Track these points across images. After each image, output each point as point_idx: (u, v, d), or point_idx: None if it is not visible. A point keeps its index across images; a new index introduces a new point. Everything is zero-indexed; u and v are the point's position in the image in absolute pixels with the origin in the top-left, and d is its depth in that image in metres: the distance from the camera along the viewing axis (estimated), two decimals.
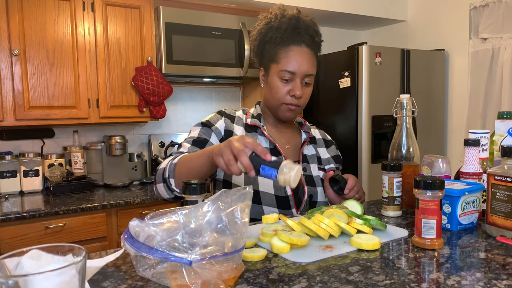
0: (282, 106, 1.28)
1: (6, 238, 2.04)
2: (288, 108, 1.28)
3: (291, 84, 1.25)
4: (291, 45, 1.25)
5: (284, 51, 1.25)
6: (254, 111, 1.38)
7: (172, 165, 1.11)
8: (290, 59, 1.24)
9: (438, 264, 0.82)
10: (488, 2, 3.05)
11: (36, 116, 2.36)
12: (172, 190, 1.12)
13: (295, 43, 1.25)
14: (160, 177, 1.14)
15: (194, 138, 1.26)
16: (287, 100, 1.27)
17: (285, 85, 1.26)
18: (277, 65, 1.26)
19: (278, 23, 1.26)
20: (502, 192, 0.97)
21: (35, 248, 0.53)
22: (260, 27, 1.30)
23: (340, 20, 3.58)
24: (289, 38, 1.25)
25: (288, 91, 1.26)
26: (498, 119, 1.24)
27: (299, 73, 1.24)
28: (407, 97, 1.23)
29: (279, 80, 1.26)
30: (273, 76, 1.27)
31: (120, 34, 2.57)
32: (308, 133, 1.41)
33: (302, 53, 1.25)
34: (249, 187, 0.75)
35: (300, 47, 1.25)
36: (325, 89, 3.28)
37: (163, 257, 0.65)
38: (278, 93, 1.26)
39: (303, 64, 1.24)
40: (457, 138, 3.35)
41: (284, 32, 1.25)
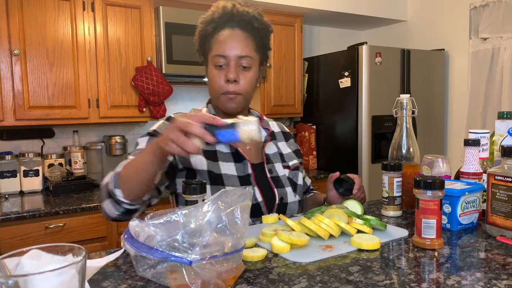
0: (221, 97, 1.19)
1: (6, 238, 2.04)
2: (228, 98, 1.18)
3: (225, 70, 1.17)
4: (222, 30, 1.18)
5: (216, 38, 1.18)
6: (207, 111, 1.29)
7: (115, 175, 0.99)
8: (221, 43, 1.16)
9: (438, 264, 0.82)
10: (488, 2, 3.05)
11: (36, 116, 2.36)
12: (120, 203, 0.98)
13: (226, 27, 1.18)
14: (105, 193, 1.01)
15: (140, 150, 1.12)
16: (224, 88, 1.17)
17: (219, 72, 1.17)
18: (211, 53, 1.18)
19: (211, 15, 1.19)
20: (502, 192, 0.97)
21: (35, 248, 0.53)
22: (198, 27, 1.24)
23: (340, 20, 3.58)
24: (222, 24, 1.18)
25: (223, 78, 1.17)
26: (498, 119, 1.24)
27: (231, 56, 1.15)
28: (407, 97, 1.23)
29: (214, 68, 1.18)
30: (210, 65, 1.20)
31: (120, 34, 2.57)
32: (268, 129, 1.34)
33: (233, 35, 1.17)
34: (249, 187, 0.75)
35: (232, 30, 1.17)
36: (325, 89, 3.29)
37: (163, 257, 0.65)
38: (214, 82, 1.18)
39: (235, 45, 1.15)
40: (457, 138, 3.35)
41: (217, 22, 1.18)
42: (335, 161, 3.22)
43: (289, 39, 3.24)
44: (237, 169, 1.20)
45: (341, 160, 3.16)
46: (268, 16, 3.35)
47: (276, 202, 1.22)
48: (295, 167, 1.33)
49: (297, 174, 1.32)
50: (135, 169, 0.95)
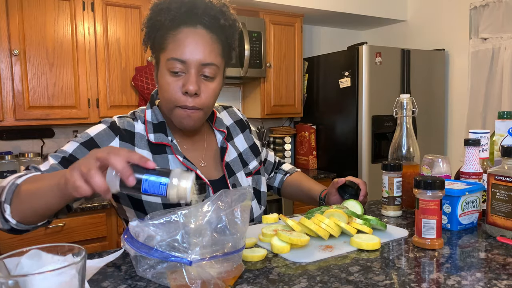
0: (176, 110, 0.97)
1: (6, 238, 2.04)
2: (185, 114, 0.96)
3: (183, 78, 0.95)
4: (182, 27, 0.95)
5: (173, 35, 0.95)
6: (153, 117, 1.05)
7: (13, 186, 0.80)
8: (179, 44, 0.94)
9: (438, 264, 0.82)
10: (488, 2, 3.05)
11: (36, 116, 2.36)
12: (6, 220, 0.80)
13: (188, 24, 0.95)
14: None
15: (64, 155, 0.95)
16: (181, 100, 0.95)
17: (175, 80, 0.95)
18: (164, 54, 0.96)
19: (169, 3, 0.96)
20: (502, 192, 0.97)
21: (35, 248, 0.53)
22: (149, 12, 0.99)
23: (340, 20, 3.58)
24: (181, 18, 0.95)
25: (180, 88, 0.95)
26: (498, 119, 1.24)
27: (192, 62, 0.94)
28: (407, 97, 1.23)
29: (168, 74, 0.95)
30: (162, 69, 0.97)
31: (120, 34, 2.57)
32: (224, 132, 1.14)
33: (195, 35, 0.94)
34: (249, 187, 0.75)
35: (194, 29, 0.95)
36: (325, 89, 3.28)
37: (163, 257, 0.65)
38: (168, 91, 0.96)
39: (197, 49, 0.94)
40: (457, 138, 3.35)
41: (175, 13, 0.95)
42: (335, 161, 3.22)
43: (289, 39, 3.24)
44: None
45: (341, 160, 3.16)
46: (268, 16, 3.35)
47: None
48: (256, 171, 1.18)
49: (259, 179, 1.18)
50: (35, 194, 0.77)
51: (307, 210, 1.47)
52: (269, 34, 3.12)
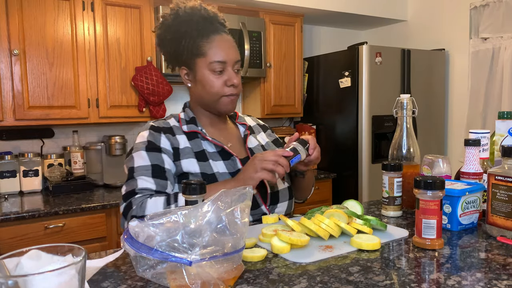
0: (222, 99, 1.21)
1: (5, 238, 2.04)
2: (230, 100, 1.22)
3: (224, 75, 1.19)
4: (211, 35, 1.18)
5: (208, 42, 1.17)
6: (186, 116, 1.28)
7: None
8: (217, 49, 1.17)
9: (439, 264, 0.82)
10: (488, 2, 3.05)
11: (36, 116, 2.36)
12: None
13: (215, 32, 1.19)
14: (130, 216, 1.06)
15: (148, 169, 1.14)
16: (226, 91, 1.20)
17: (218, 77, 1.19)
18: (205, 59, 1.18)
19: (186, 16, 1.18)
20: (502, 192, 0.97)
21: (35, 248, 0.53)
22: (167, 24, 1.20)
23: (340, 20, 3.58)
24: (205, 28, 1.18)
25: (224, 82, 1.19)
26: (498, 119, 1.24)
27: (229, 61, 1.19)
28: (408, 97, 1.23)
29: (211, 74, 1.18)
30: (203, 71, 1.19)
31: (120, 34, 2.57)
32: (245, 124, 1.36)
33: (225, 41, 1.20)
34: (249, 187, 0.75)
35: (221, 35, 1.19)
36: (325, 89, 3.28)
37: (162, 258, 0.65)
38: (214, 87, 1.19)
39: (231, 51, 1.19)
40: (457, 138, 3.35)
41: (197, 24, 1.17)
42: (335, 161, 3.22)
43: (289, 39, 3.24)
44: (227, 166, 1.21)
45: (341, 160, 3.16)
46: (268, 16, 3.35)
47: (268, 191, 1.23)
48: None
49: None
50: None
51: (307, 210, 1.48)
52: (269, 34, 3.12)
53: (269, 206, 1.24)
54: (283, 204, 1.26)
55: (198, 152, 1.20)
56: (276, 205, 1.24)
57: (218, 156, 1.22)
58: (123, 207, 1.11)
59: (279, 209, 1.25)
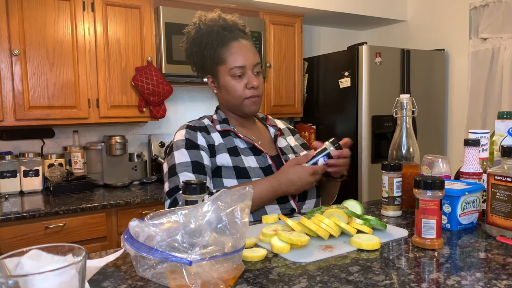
0: (244, 101, 1.30)
1: (6, 238, 2.04)
2: (252, 102, 1.30)
3: (245, 78, 1.28)
4: (230, 43, 1.27)
5: (227, 50, 1.27)
6: (218, 117, 1.37)
7: None
8: (236, 56, 1.26)
9: (438, 264, 0.82)
10: (488, 2, 3.05)
11: (36, 116, 2.36)
12: None
13: (233, 40, 1.28)
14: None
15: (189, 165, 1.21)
16: (247, 93, 1.28)
17: (239, 81, 1.27)
18: (225, 66, 1.27)
19: (207, 28, 1.28)
20: (502, 192, 0.97)
21: (35, 248, 0.53)
22: (191, 38, 1.32)
23: (340, 20, 3.58)
24: (225, 37, 1.27)
25: (245, 85, 1.28)
26: (498, 119, 1.24)
27: (248, 65, 1.27)
28: (407, 97, 1.23)
29: (232, 79, 1.28)
30: (225, 77, 1.28)
31: (120, 34, 2.57)
32: (276, 126, 1.44)
33: (243, 46, 1.28)
34: (249, 187, 0.75)
35: (239, 42, 1.28)
36: (325, 89, 3.29)
37: (163, 257, 0.65)
38: (236, 91, 1.28)
39: (249, 55, 1.27)
40: (457, 138, 3.35)
41: (217, 34, 1.27)
42: None
43: (289, 39, 3.24)
44: (257, 161, 1.28)
45: None
46: (268, 16, 3.35)
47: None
48: None
49: None
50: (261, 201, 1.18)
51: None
52: (269, 34, 3.12)
53: (297, 201, 1.29)
54: (310, 202, 1.32)
55: (231, 148, 1.28)
56: (304, 202, 1.30)
57: (250, 152, 1.29)
58: (168, 203, 1.18)
59: (306, 205, 1.31)
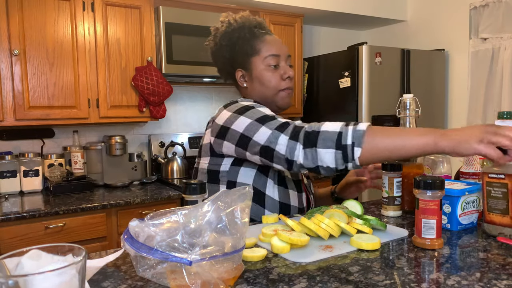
0: (279, 93, 1.26)
1: (6, 238, 2.04)
2: (286, 93, 1.27)
3: (280, 69, 1.25)
4: (263, 36, 1.26)
5: (261, 41, 1.25)
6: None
7: (359, 132, 0.95)
8: (270, 45, 1.25)
9: (438, 264, 0.82)
10: (488, 2, 3.05)
11: (36, 116, 2.36)
12: (349, 161, 0.95)
13: (265, 34, 1.28)
14: (331, 142, 0.97)
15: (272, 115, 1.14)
16: (283, 85, 1.25)
17: (274, 72, 1.24)
18: (260, 56, 1.25)
19: (238, 24, 1.27)
20: (496, 190, 0.97)
21: (35, 248, 0.53)
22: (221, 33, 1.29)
23: (340, 20, 3.58)
24: (257, 31, 1.27)
25: (281, 76, 1.25)
26: (498, 119, 1.24)
27: (283, 54, 1.25)
28: (411, 97, 1.21)
29: (267, 69, 1.24)
30: (259, 68, 1.25)
31: (120, 34, 2.57)
32: None
33: (276, 39, 1.28)
34: (249, 187, 0.75)
35: (271, 35, 1.28)
36: (325, 89, 3.28)
37: (163, 258, 0.65)
38: (272, 81, 1.24)
39: (282, 46, 1.27)
40: None
41: (249, 28, 1.26)
42: None
43: (289, 39, 3.24)
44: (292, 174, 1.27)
45: None
46: (268, 16, 3.34)
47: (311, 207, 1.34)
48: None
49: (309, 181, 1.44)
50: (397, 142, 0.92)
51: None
52: None
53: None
54: None
55: None
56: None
57: None
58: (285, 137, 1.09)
59: None
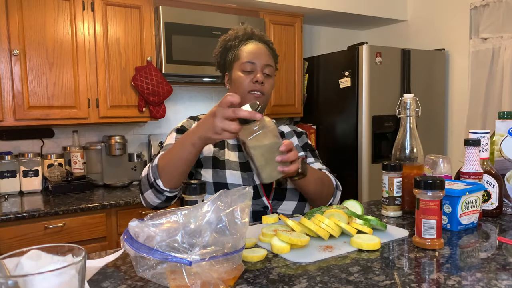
0: (248, 95, 1.33)
1: (5, 238, 2.04)
2: (254, 96, 1.33)
3: (252, 74, 1.33)
4: (249, 43, 1.36)
5: (243, 48, 1.35)
6: None
7: (154, 167, 1.13)
8: (249, 53, 1.33)
9: (439, 264, 0.82)
10: (488, 2, 3.04)
11: (36, 116, 2.36)
12: (161, 192, 1.14)
13: (251, 41, 1.37)
14: (145, 185, 1.16)
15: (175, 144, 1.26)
16: (251, 87, 1.32)
17: (247, 76, 1.32)
18: (239, 61, 1.34)
19: (234, 34, 1.38)
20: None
21: (35, 248, 0.53)
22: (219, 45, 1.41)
23: (340, 20, 3.58)
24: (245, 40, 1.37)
25: (251, 80, 1.32)
26: (498, 119, 1.24)
27: (259, 64, 1.32)
28: (411, 97, 1.21)
29: (242, 73, 1.33)
30: (236, 72, 1.35)
31: (120, 34, 2.57)
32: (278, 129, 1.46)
33: (259, 47, 1.35)
34: (249, 187, 0.75)
35: (256, 44, 1.36)
36: (325, 89, 3.28)
37: (162, 258, 0.65)
38: (242, 83, 1.33)
39: (262, 55, 1.34)
40: (458, 138, 3.35)
41: (241, 37, 1.37)
42: (335, 161, 3.22)
43: (289, 39, 3.24)
44: (239, 157, 1.33)
45: (341, 160, 3.16)
46: (268, 16, 3.35)
47: (273, 186, 1.31)
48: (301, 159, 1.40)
49: None
50: (174, 160, 1.10)
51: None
52: (269, 34, 3.11)
53: (272, 200, 1.29)
54: (289, 203, 1.30)
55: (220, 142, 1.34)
56: (282, 202, 1.29)
57: (236, 148, 1.35)
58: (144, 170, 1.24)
59: (284, 206, 1.29)
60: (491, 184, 1.16)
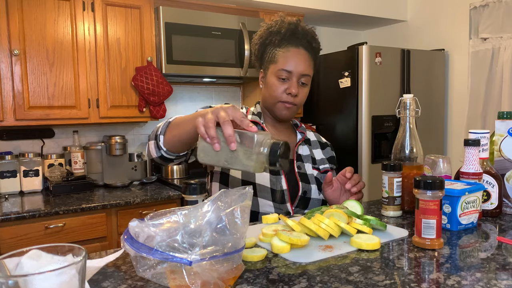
0: (278, 104, 1.32)
1: (6, 238, 2.04)
2: (284, 106, 1.32)
3: (287, 83, 1.30)
4: (289, 47, 1.30)
5: (282, 52, 1.30)
6: (255, 110, 1.42)
7: (166, 124, 1.11)
8: (287, 59, 1.29)
9: (438, 264, 0.82)
10: (488, 2, 3.05)
11: (36, 116, 2.36)
12: (159, 148, 1.10)
13: (293, 45, 1.30)
14: (153, 134, 1.14)
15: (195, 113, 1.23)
16: (283, 98, 1.30)
17: (282, 84, 1.30)
18: (275, 65, 1.30)
19: (278, 28, 1.31)
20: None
21: (35, 248, 0.53)
22: (261, 32, 1.35)
23: (340, 20, 3.58)
24: (288, 40, 1.30)
25: (285, 90, 1.29)
26: (498, 119, 1.24)
27: (295, 73, 1.29)
28: (411, 97, 1.21)
29: (276, 79, 1.30)
30: (271, 76, 1.32)
31: (120, 34, 2.57)
32: (303, 133, 1.45)
33: (299, 54, 1.30)
34: (249, 187, 0.75)
35: (297, 49, 1.30)
36: (325, 89, 3.28)
37: (163, 258, 0.65)
38: (275, 91, 1.30)
39: (300, 64, 1.29)
40: (457, 138, 3.35)
41: (283, 36, 1.30)
42: None
43: None
44: None
45: (341, 160, 3.15)
46: (268, 16, 3.35)
47: (299, 194, 1.31)
48: (325, 171, 1.42)
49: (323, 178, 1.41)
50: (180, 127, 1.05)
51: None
52: None
53: (295, 207, 1.31)
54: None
55: None
56: (304, 211, 1.31)
57: None
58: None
59: None
60: (490, 184, 1.16)
